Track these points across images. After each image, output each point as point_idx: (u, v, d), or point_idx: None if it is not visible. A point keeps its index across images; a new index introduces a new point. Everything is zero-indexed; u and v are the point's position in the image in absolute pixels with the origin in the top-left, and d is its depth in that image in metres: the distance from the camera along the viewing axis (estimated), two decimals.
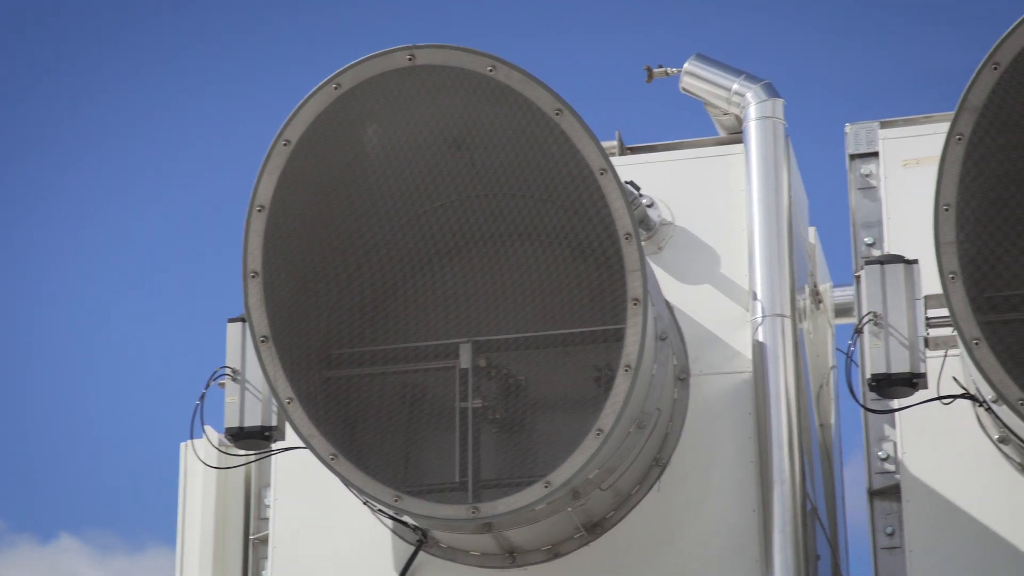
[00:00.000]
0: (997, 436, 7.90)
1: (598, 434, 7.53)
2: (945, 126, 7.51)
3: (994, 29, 7.44)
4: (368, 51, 7.73)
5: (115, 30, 19.63)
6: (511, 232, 8.62)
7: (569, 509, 7.88)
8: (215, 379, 8.09)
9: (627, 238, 7.63)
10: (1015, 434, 7.63)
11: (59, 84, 19.74)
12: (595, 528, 8.17)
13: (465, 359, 8.12)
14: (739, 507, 8.10)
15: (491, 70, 7.71)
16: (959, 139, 7.42)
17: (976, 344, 7.28)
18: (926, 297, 7.64)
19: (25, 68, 19.75)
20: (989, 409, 7.64)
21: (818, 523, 8.44)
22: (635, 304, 7.59)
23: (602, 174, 7.68)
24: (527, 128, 7.91)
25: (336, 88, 7.78)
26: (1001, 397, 7.27)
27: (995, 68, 7.39)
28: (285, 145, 7.81)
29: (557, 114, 7.69)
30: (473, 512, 7.63)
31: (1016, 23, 7.37)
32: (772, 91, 8.68)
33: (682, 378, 8.36)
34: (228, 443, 8.19)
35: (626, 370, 7.54)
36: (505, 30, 18.27)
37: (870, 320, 7.62)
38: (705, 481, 8.19)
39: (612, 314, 7.80)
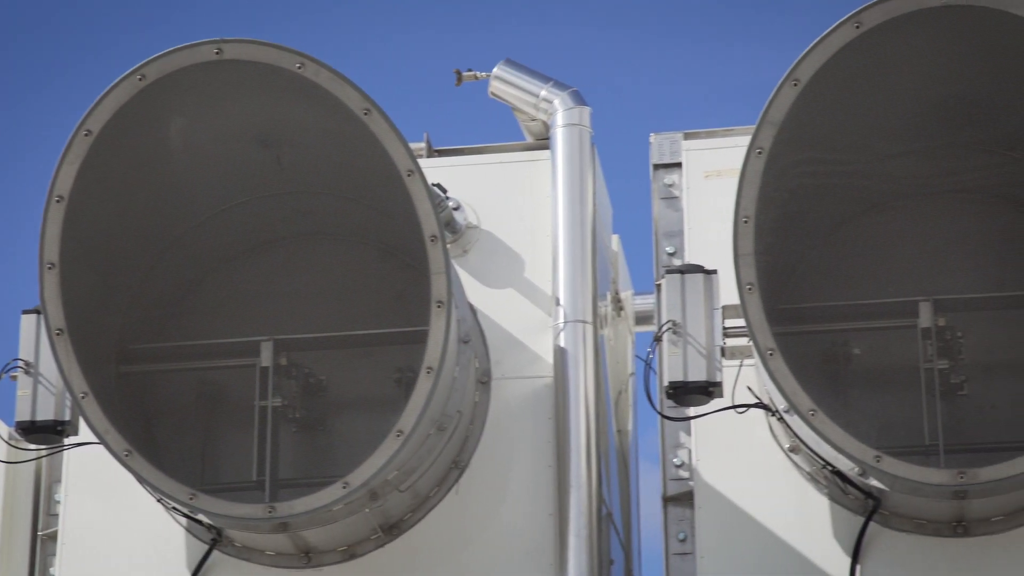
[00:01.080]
0: (788, 445, 8.05)
1: (398, 435, 7.53)
2: (746, 139, 7.62)
3: (797, 47, 7.61)
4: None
5: (115, 33, 19.14)
6: (317, 231, 8.58)
7: (367, 510, 7.87)
8: (7, 371, 7.94)
9: (433, 240, 7.65)
10: (805, 444, 7.78)
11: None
12: (392, 529, 8.17)
13: (266, 357, 8.06)
14: (536, 511, 8.15)
15: (299, 67, 7.67)
16: (759, 153, 7.54)
17: (770, 354, 7.41)
18: (724, 307, 7.75)
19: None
20: (781, 419, 7.78)
21: (613, 528, 8.53)
22: (439, 306, 7.61)
23: (409, 175, 7.69)
24: (336, 127, 7.88)
25: (140, 79, 7.68)
26: (793, 407, 7.41)
27: (795, 84, 7.53)
28: (86, 135, 7.69)
29: (365, 114, 7.68)
30: (270, 512, 7.58)
31: (815, 42, 7.52)
32: (579, 99, 8.75)
33: (483, 381, 8.39)
34: (19, 437, 8.04)
35: (428, 372, 7.55)
36: (316, 28, 18.18)
37: (669, 328, 7.72)
38: (503, 484, 8.23)
39: (416, 316, 7.81)
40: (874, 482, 7.53)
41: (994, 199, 8.19)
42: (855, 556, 7.82)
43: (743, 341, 7.67)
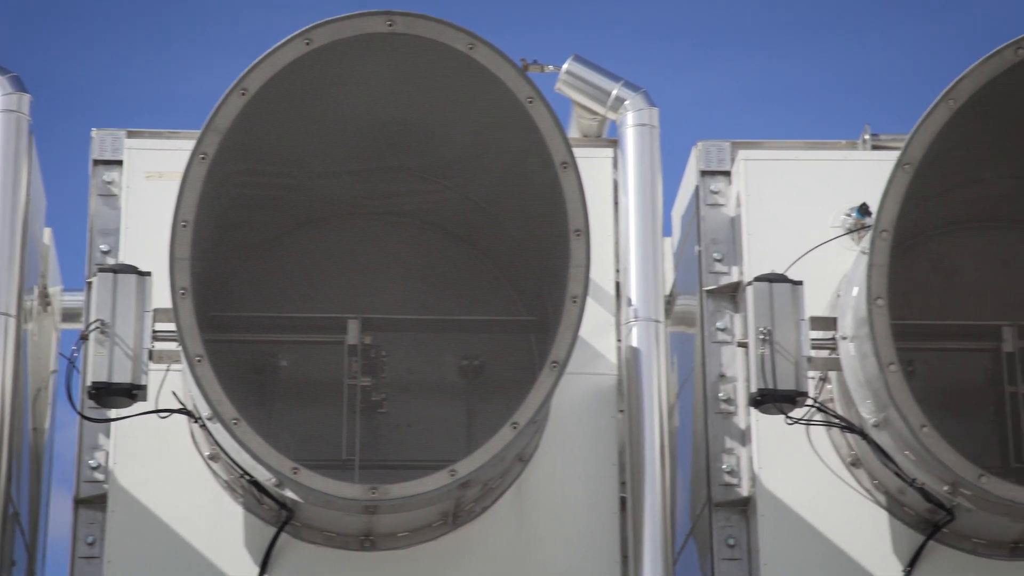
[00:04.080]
0: (208, 453, 8.03)
1: None
2: (191, 143, 7.60)
3: (250, 57, 7.62)
4: None
5: None
6: None
7: None
8: None
9: None
10: (225, 452, 7.78)
11: None
12: None
13: None
14: None
15: None
16: (202, 158, 7.52)
17: (198, 361, 7.39)
18: (155, 310, 7.65)
19: None
20: (204, 426, 7.75)
21: (18, 528, 8.28)
22: None
23: None
24: None
25: None
26: (216, 415, 7.40)
27: (243, 94, 7.55)
28: None
29: None
30: None
31: (265, 53, 7.55)
32: (19, 84, 8.45)
33: None
34: None
35: None
36: None
37: (97, 328, 7.57)
38: None
39: None
40: (289, 493, 7.60)
41: (426, 225, 8.44)
42: (263, 566, 7.87)
43: (172, 345, 7.61)
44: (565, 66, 8.81)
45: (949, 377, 8.14)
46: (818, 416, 7.98)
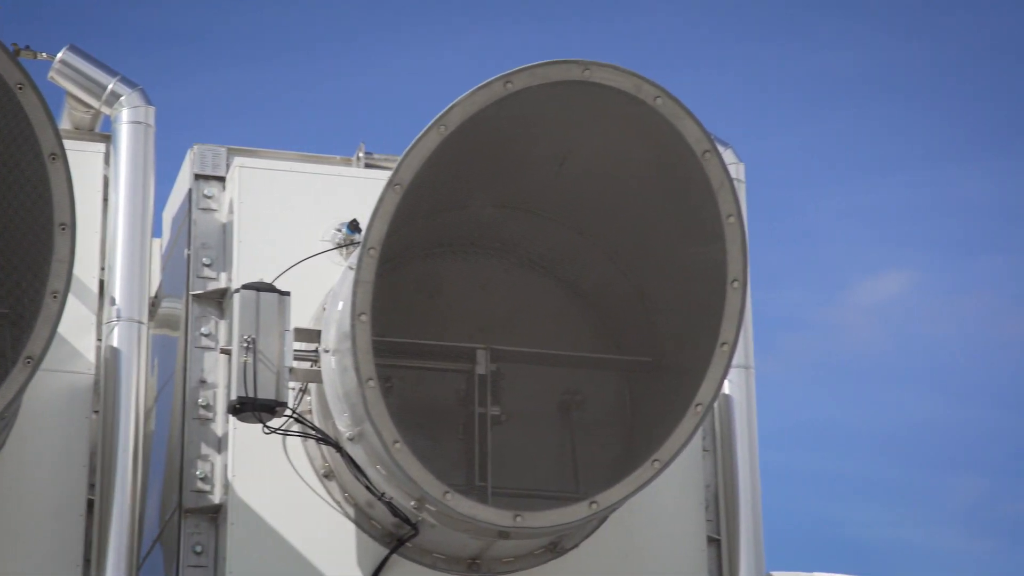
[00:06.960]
0: None
1: None
2: None
3: None
4: None
5: None
6: None
7: None
8: None
9: None
10: None
11: None
12: None
13: None
14: None
15: None
16: None
17: None
18: None
19: None
20: None
21: None
22: None
23: None
24: None
25: None
26: None
27: None
28: None
29: None
30: None
31: None
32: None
33: None
34: None
35: None
36: None
37: None
38: None
39: None
40: None
41: None
42: None
43: None
44: (60, 55, 8.58)
45: (425, 395, 8.31)
46: (296, 427, 8.03)
